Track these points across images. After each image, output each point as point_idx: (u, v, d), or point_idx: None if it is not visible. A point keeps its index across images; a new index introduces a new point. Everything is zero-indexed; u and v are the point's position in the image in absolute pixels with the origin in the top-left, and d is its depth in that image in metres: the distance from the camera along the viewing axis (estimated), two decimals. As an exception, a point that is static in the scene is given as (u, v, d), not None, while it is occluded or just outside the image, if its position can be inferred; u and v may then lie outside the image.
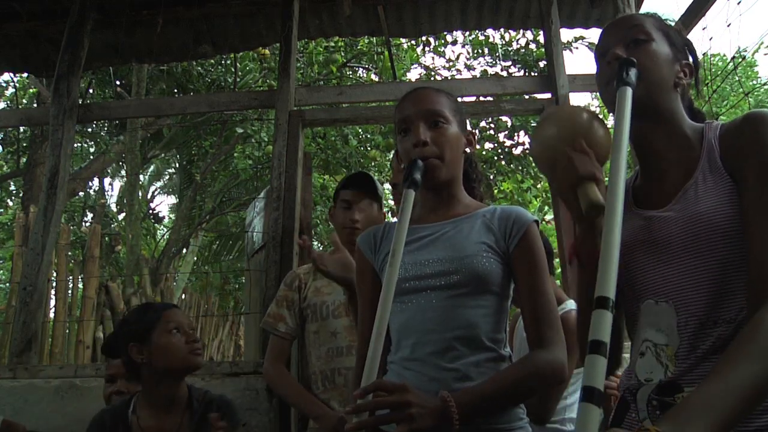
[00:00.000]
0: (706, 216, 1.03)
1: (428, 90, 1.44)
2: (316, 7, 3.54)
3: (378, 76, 8.18)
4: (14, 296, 4.28)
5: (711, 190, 1.05)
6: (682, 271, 1.04)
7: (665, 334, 1.05)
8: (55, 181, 3.09)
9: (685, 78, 1.17)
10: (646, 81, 1.10)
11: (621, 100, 1.03)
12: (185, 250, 10.12)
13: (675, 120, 1.14)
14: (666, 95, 1.13)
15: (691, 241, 1.03)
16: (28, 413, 2.52)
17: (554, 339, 1.26)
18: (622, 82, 1.05)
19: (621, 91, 1.04)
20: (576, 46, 7.24)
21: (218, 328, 8.38)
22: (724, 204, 1.02)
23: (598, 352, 0.81)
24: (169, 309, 1.98)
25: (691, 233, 1.03)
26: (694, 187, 1.07)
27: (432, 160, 1.33)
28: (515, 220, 1.33)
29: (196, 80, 7.80)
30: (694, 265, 1.03)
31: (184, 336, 1.89)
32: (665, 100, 1.13)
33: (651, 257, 1.09)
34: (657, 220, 1.10)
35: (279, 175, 2.97)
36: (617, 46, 1.14)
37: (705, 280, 1.02)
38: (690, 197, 1.07)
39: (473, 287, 1.27)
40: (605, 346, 0.81)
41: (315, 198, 7.91)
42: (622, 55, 1.11)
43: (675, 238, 1.06)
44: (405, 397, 1.07)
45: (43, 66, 3.83)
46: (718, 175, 1.06)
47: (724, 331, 0.98)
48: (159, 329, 1.88)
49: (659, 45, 1.15)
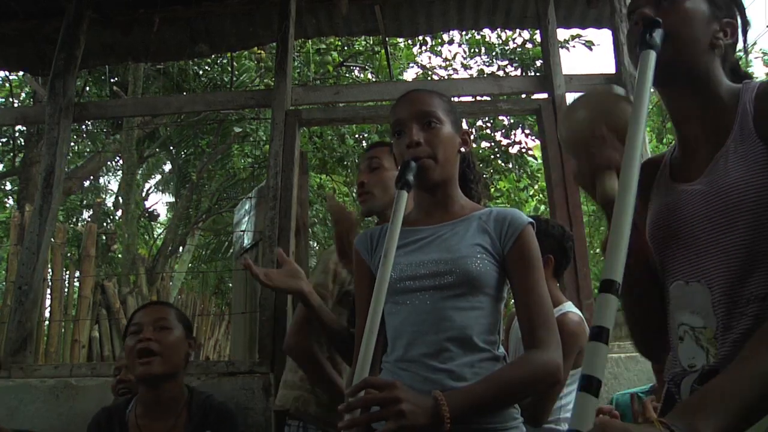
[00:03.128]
0: (735, 187, 0.96)
1: (421, 92, 1.44)
2: (313, 7, 3.54)
3: (375, 75, 8.18)
4: (9, 295, 4.26)
5: (741, 160, 0.97)
6: (712, 247, 0.98)
7: (701, 316, 0.99)
8: (51, 180, 3.08)
9: (725, 38, 1.06)
10: (675, 42, 1.01)
11: (643, 64, 0.96)
12: (182, 249, 10.10)
13: (710, 84, 1.05)
14: (700, 57, 1.04)
15: (719, 216, 0.97)
16: (23, 413, 2.51)
17: (549, 340, 1.26)
18: (645, 44, 0.97)
19: (643, 55, 0.96)
20: (573, 44, 7.25)
21: (214, 328, 8.38)
22: (756, 173, 0.95)
23: (599, 338, 0.76)
24: (140, 309, 1.97)
25: (719, 207, 0.97)
26: (724, 157, 1.00)
27: (425, 161, 1.33)
28: (510, 222, 1.33)
29: (192, 79, 7.80)
30: (724, 241, 0.96)
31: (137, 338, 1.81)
32: (698, 62, 1.04)
33: (681, 235, 1.03)
34: (687, 194, 1.03)
35: (275, 174, 2.97)
36: (647, 3, 1.05)
37: (738, 257, 0.95)
38: (720, 168, 0.99)
39: (467, 288, 1.27)
40: (607, 332, 0.76)
41: (311, 197, 7.91)
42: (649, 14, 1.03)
43: (704, 213, 0.99)
44: (394, 393, 1.07)
45: (39, 64, 3.81)
46: (749, 142, 0.98)
47: (760, 311, 0.92)
48: (128, 331, 1.87)
49: (694, 2, 1.05)
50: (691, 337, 1.01)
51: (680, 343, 1.03)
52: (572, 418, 0.73)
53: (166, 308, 1.95)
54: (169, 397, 1.84)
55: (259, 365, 2.60)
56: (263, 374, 2.55)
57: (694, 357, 0.99)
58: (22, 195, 7.19)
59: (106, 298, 5.55)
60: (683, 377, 1.01)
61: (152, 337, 1.80)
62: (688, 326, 1.01)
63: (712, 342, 0.97)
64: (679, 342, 1.03)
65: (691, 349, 1.00)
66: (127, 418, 1.83)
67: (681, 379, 1.01)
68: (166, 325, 1.86)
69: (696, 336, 1.00)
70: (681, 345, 1.03)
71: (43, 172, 3.12)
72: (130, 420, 1.83)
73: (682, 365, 1.02)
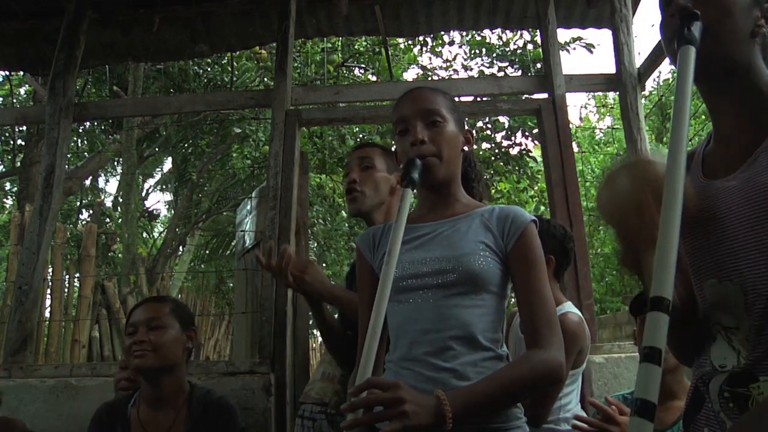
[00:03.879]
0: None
1: (425, 89, 1.44)
2: (313, 7, 3.54)
3: (375, 75, 8.18)
4: (9, 295, 4.26)
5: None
6: (747, 246, 0.93)
7: (734, 317, 0.95)
8: (51, 179, 3.08)
9: (767, 24, 1.00)
10: (715, 34, 0.95)
11: (682, 62, 0.90)
12: (182, 249, 10.10)
13: (750, 75, 0.99)
14: (740, 48, 0.98)
15: (755, 214, 0.92)
16: (23, 413, 2.51)
17: (552, 339, 1.25)
18: (684, 40, 0.92)
19: (682, 51, 0.91)
20: (573, 47, 7.24)
21: (214, 328, 8.38)
22: None
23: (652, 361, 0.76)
24: (136, 306, 1.99)
25: (756, 205, 0.92)
26: (765, 154, 0.94)
27: (430, 159, 1.33)
28: (513, 219, 1.33)
29: (192, 79, 7.79)
30: (759, 241, 0.91)
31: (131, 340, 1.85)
32: (739, 53, 0.98)
33: (714, 232, 0.99)
34: (721, 190, 0.98)
35: (275, 174, 2.97)
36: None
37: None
38: (760, 165, 0.94)
39: (470, 286, 1.27)
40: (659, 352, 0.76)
41: (311, 198, 7.91)
42: (686, 5, 0.97)
43: (737, 211, 0.95)
44: (398, 393, 1.07)
45: (39, 64, 3.81)
46: None
47: None
48: (126, 331, 1.91)
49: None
50: (723, 337, 0.98)
51: (713, 343, 1.00)
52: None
53: (160, 305, 1.96)
54: (170, 391, 1.86)
55: (259, 365, 2.60)
56: (263, 374, 2.55)
57: (725, 357, 0.96)
58: (22, 195, 7.19)
59: (106, 298, 5.55)
60: (712, 377, 0.98)
61: (145, 338, 1.83)
62: (721, 326, 0.98)
63: (743, 343, 0.94)
64: (712, 341, 1.00)
65: (723, 350, 0.97)
66: (128, 412, 1.85)
67: (710, 379, 0.98)
68: (159, 324, 1.88)
69: (728, 336, 0.97)
70: (713, 345, 0.99)
71: (43, 172, 3.12)
72: (131, 415, 1.84)
73: (714, 365, 0.99)
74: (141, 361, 1.80)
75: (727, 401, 0.93)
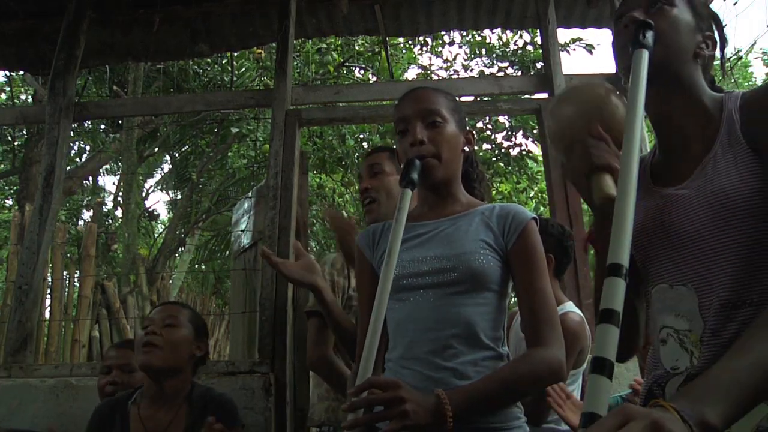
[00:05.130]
0: (727, 192, 0.97)
1: (426, 89, 1.44)
2: (313, 6, 3.54)
3: (375, 75, 8.18)
4: (9, 295, 4.26)
5: (731, 165, 0.99)
6: (702, 252, 0.98)
7: (687, 319, 0.99)
8: (51, 179, 3.08)
9: (707, 49, 1.10)
10: (664, 45, 1.04)
11: (636, 62, 0.98)
12: (182, 248, 10.10)
13: (694, 90, 1.08)
14: (685, 63, 1.07)
15: (710, 220, 0.98)
16: (23, 412, 2.51)
17: (552, 337, 1.25)
18: (638, 44, 0.99)
19: (637, 54, 0.99)
20: (573, 47, 7.25)
21: (214, 328, 8.37)
22: (746, 179, 0.97)
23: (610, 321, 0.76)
24: (156, 306, 2.04)
25: (710, 212, 0.98)
26: (712, 162, 1.01)
27: (429, 159, 1.33)
28: (513, 217, 1.33)
29: (192, 79, 7.78)
30: (717, 245, 0.97)
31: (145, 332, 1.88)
32: (684, 68, 1.07)
33: (667, 239, 1.04)
34: (673, 198, 1.04)
35: (275, 174, 2.97)
36: (636, 9, 1.09)
37: (728, 261, 0.96)
38: (708, 173, 1.01)
39: (470, 285, 1.27)
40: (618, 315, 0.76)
41: (311, 197, 7.90)
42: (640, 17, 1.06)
43: (693, 218, 1.00)
44: (398, 393, 1.07)
45: (39, 64, 3.81)
46: (738, 148, 1.00)
47: (750, 314, 0.93)
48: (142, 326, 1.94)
49: (681, 11, 1.08)
50: (675, 339, 1.02)
51: (662, 346, 1.04)
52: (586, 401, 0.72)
53: (179, 308, 2.01)
54: (172, 391, 1.87)
55: (259, 365, 2.60)
56: (263, 374, 2.55)
57: (677, 359, 1.00)
58: (22, 194, 7.19)
59: (106, 298, 5.54)
60: (668, 379, 1.01)
61: (158, 331, 1.86)
62: (672, 329, 1.02)
63: (696, 344, 0.98)
64: (662, 344, 1.04)
65: (674, 352, 1.01)
66: (128, 409, 1.86)
67: (666, 382, 1.02)
68: (174, 322, 1.90)
69: (680, 338, 1.01)
70: (663, 347, 1.03)
71: (43, 172, 3.12)
72: (131, 412, 1.85)
73: (665, 367, 1.03)
74: (147, 357, 1.82)
75: None
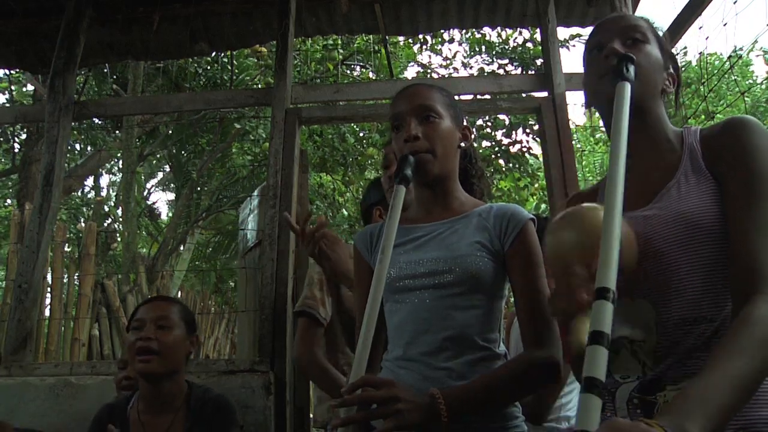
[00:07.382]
0: (689, 214, 1.02)
1: (421, 86, 1.44)
2: (313, 5, 3.53)
3: (375, 74, 8.17)
4: (9, 294, 4.26)
5: (693, 189, 1.05)
6: (663, 268, 1.03)
7: (642, 331, 1.04)
8: (51, 178, 3.07)
9: (670, 86, 1.18)
10: (642, 80, 1.09)
11: (620, 95, 1.02)
12: (182, 247, 10.10)
13: (660, 124, 1.15)
14: (654, 98, 1.14)
15: (674, 239, 1.02)
16: (23, 411, 2.51)
17: (549, 337, 1.25)
18: (622, 77, 1.04)
19: (620, 86, 1.03)
20: (573, 43, 7.24)
21: (214, 326, 8.38)
22: (707, 203, 1.02)
23: (599, 342, 0.80)
24: (144, 303, 1.97)
25: (674, 231, 1.03)
26: (676, 186, 1.07)
27: (423, 155, 1.32)
28: (510, 218, 1.32)
29: (192, 78, 7.77)
30: (679, 263, 1.02)
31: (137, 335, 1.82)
32: (653, 102, 1.14)
33: None
34: (638, 219, 1.08)
35: (275, 172, 2.97)
36: (615, 42, 1.13)
37: (689, 278, 1.01)
38: (672, 195, 1.06)
39: (466, 287, 1.27)
40: (607, 336, 0.80)
41: (311, 196, 7.90)
42: (621, 51, 1.11)
43: (656, 236, 1.04)
44: (392, 391, 1.07)
45: (38, 63, 3.81)
46: (701, 175, 1.06)
47: (706, 329, 0.98)
48: (131, 326, 1.89)
49: (653, 48, 1.15)
50: (628, 349, 1.05)
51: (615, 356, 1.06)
52: (578, 419, 0.76)
53: (169, 305, 1.95)
54: (170, 393, 1.86)
55: (259, 363, 2.60)
56: (263, 372, 2.55)
57: (628, 369, 1.04)
58: (22, 193, 7.19)
59: (106, 297, 5.54)
60: (617, 386, 1.04)
61: (153, 336, 1.81)
62: (627, 339, 1.05)
63: (649, 355, 1.02)
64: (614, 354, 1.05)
65: (626, 362, 1.05)
66: (128, 414, 1.85)
67: (616, 389, 1.05)
68: (167, 324, 1.86)
69: (634, 349, 1.04)
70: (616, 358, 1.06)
71: (43, 171, 3.12)
72: (131, 416, 1.84)
73: (614, 377, 1.05)
74: (146, 366, 1.78)
75: (636, 407, 1.01)
